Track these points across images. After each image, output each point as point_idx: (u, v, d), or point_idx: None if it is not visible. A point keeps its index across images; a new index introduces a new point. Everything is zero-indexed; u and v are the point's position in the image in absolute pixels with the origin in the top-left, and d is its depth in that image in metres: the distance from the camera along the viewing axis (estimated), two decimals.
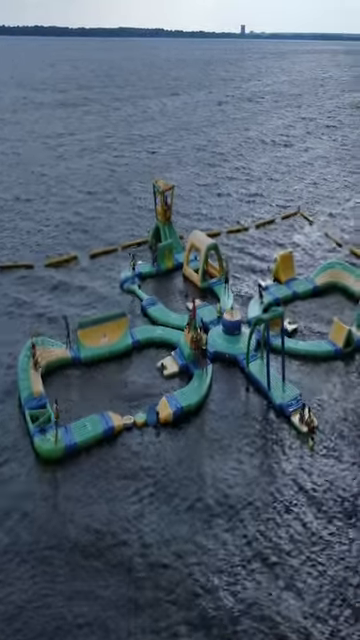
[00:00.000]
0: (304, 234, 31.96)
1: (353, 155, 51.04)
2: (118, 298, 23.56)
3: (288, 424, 15.80)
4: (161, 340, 19.54)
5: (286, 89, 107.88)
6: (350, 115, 75.19)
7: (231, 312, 19.66)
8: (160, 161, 48.25)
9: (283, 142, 56.99)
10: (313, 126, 66.71)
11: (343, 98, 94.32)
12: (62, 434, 14.59)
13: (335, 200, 38.02)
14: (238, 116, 73.94)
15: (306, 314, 22.40)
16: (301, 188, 40.71)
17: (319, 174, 44.61)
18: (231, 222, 33.53)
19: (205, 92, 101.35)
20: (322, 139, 58.55)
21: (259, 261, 27.91)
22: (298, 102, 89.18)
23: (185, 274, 25.43)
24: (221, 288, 23.66)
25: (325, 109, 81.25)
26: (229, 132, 62.09)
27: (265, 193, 39.41)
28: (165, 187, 26.76)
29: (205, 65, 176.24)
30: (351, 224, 33.54)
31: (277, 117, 73.67)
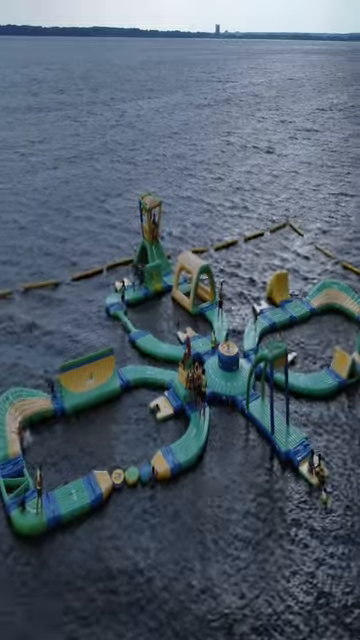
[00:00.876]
0: (295, 248, 30.86)
1: (336, 160, 50.41)
2: (104, 325, 21.84)
3: (296, 474, 14.50)
4: (153, 381, 17.93)
5: (264, 90, 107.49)
6: (330, 118, 75.02)
7: (227, 344, 18.24)
8: (139, 171, 46.24)
9: (265, 148, 56.00)
10: (294, 130, 66.10)
11: (321, 100, 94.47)
12: (44, 504, 12.86)
13: (323, 210, 37.14)
14: (217, 120, 72.76)
15: (304, 340, 21.20)
16: (287, 197, 39.70)
17: (304, 182, 43.71)
18: (218, 237, 32.17)
19: (182, 94, 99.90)
20: (304, 144, 57.85)
21: (251, 280, 26.62)
22: (277, 104, 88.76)
23: (175, 297, 23.90)
24: (214, 313, 22.25)
25: (304, 111, 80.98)
26: (209, 137, 60.74)
27: (251, 204, 38.18)
28: (152, 204, 25.18)
29: (181, 66, 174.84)
30: (342, 235, 32.65)
31: (256, 120, 72.86)
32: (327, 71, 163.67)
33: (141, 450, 15.25)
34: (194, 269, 22.49)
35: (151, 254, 25.74)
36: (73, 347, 20.18)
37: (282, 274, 23.80)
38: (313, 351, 20.47)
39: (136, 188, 40.46)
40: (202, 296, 23.61)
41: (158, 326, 21.96)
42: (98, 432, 16.03)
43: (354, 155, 52.53)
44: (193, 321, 22.38)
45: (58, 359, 19.27)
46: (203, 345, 19.77)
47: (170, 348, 19.52)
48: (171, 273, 25.75)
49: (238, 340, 20.79)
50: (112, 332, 21.43)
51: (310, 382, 18.00)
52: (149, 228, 25.39)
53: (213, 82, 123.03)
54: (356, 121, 72.38)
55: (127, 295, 23.35)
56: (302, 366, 19.46)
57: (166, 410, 16.58)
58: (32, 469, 13.92)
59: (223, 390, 17.33)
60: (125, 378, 17.81)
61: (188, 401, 16.55)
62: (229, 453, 15.26)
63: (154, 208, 25.25)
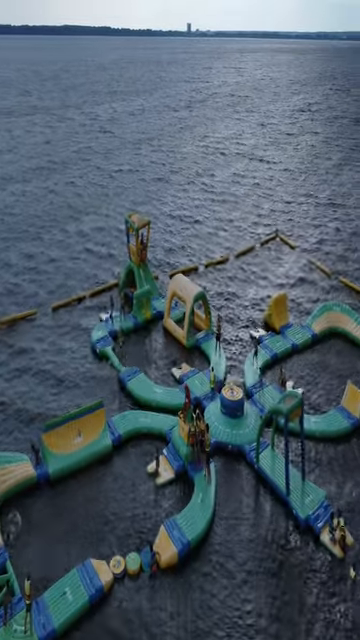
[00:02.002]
0: (289, 264, 29.37)
1: (320, 167, 49.34)
2: (90, 365, 19.66)
3: (317, 543, 12.83)
4: (149, 431, 15.96)
5: (239, 90, 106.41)
6: (308, 120, 74.33)
7: (231, 387, 16.43)
8: (116, 183, 43.36)
9: (246, 154, 54.44)
10: (273, 133, 64.91)
11: (296, 100, 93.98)
12: (33, 615, 10.71)
13: (311, 221, 35.81)
14: (194, 122, 70.95)
15: (309, 371, 19.63)
16: (273, 208, 38.08)
17: (289, 191, 42.28)
18: (207, 254, 30.32)
19: (157, 95, 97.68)
20: (285, 149, 56.59)
21: (246, 301, 24.94)
22: (253, 105, 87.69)
23: (166, 327, 21.93)
24: (210, 345, 20.41)
25: (281, 112, 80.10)
26: (187, 143, 58.69)
27: (237, 216, 36.45)
28: (141, 223, 23.13)
29: (154, 65, 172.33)
30: (334, 248, 31.35)
31: (234, 123, 71.42)
32: (299, 70, 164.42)
33: (140, 523, 13.29)
34: (188, 297, 20.58)
35: (139, 278, 23.69)
36: (54, 406, 17.83)
37: (281, 297, 22.20)
38: (319, 383, 18.91)
39: (113, 204, 37.90)
40: (196, 324, 21.74)
41: (150, 361, 19.95)
42: (89, 502, 13.95)
43: (336, 160, 51.62)
44: (188, 353, 20.50)
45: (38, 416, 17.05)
46: (201, 385, 17.92)
47: (165, 393, 17.53)
48: (160, 297, 23.81)
49: (237, 374, 19.06)
50: (99, 371, 19.31)
51: (322, 424, 16.40)
52: (137, 249, 23.36)
53: (187, 82, 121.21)
54: (334, 123, 71.90)
55: (115, 324, 21.31)
56: (309, 402, 17.84)
57: (166, 474, 14.63)
58: (19, 570, 11.74)
59: (228, 439, 15.53)
60: (117, 432, 15.76)
61: (190, 460, 14.67)
62: (240, 523, 13.41)
63: (142, 228, 23.24)
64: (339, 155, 53.19)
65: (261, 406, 17.11)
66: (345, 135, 63.50)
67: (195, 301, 20.54)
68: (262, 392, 17.64)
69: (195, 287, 20.98)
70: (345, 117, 76.63)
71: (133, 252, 23.73)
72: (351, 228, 34.52)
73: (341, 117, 76.64)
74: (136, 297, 22.07)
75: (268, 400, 17.31)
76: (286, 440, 13.60)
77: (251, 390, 17.85)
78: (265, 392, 17.67)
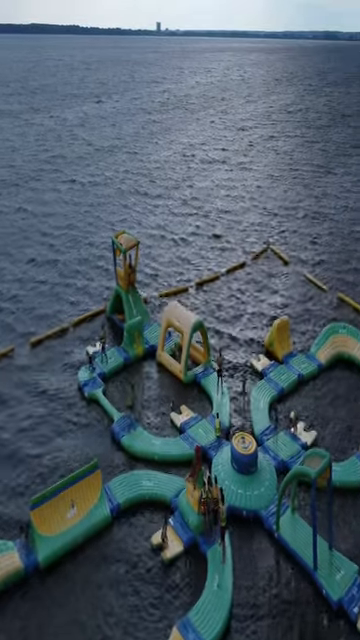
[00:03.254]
0: (283, 280, 27.86)
1: (302, 172, 48.22)
2: (78, 413, 17.42)
3: (354, 633, 11.16)
4: (151, 497, 13.95)
5: (212, 91, 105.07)
6: (284, 121, 73.53)
7: (242, 436, 14.57)
8: (90, 197, 40.28)
9: (225, 160, 52.76)
10: (250, 137, 63.61)
11: (270, 101, 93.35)
12: None
13: (301, 231, 34.45)
14: (169, 126, 68.92)
15: (318, 407, 18.02)
16: (260, 219, 36.40)
17: (274, 199, 40.79)
18: (195, 272, 28.39)
19: (129, 97, 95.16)
20: (265, 154, 55.29)
21: (243, 325, 23.19)
22: (227, 106, 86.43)
23: (160, 361, 19.92)
24: (210, 381, 18.53)
25: (257, 114, 79.06)
26: (164, 148, 56.56)
27: (224, 229, 34.57)
28: (129, 244, 21.02)
29: (125, 65, 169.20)
30: (328, 261, 30.02)
31: (210, 126, 69.84)
32: (270, 70, 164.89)
33: (148, 621, 11.29)
34: (185, 327, 18.64)
35: (127, 304, 21.60)
36: (39, 469, 15.53)
37: (283, 323, 20.55)
38: (330, 422, 17.32)
39: (87, 222, 34.99)
40: (193, 356, 19.86)
41: (145, 404, 17.89)
42: (84, 595, 11.85)
43: (319, 165, 50.68)
44: (185, 390, 18.57)
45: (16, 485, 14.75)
46: (206, 433, 16.02)
47: (166, 445, 15.54)
48: (150, 325, 21.77)
49: (243, 416, 17.25)
50: (90, 418, 17.12)
51: (341, 473, 14.77)
52: (125, 273, 21.24)
53: (159, 83, 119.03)
54: (312, 124, 71.34)
55: (102, 365, 19.12)
56: (322, 446, 16.20)
57: (174, 547, 12.67)
58: None
59: (242, 502, 13.68)
60: (115, 500, 13.69)
61: (202, 531, 12.78)
62: (261, 610, 11.59)
63: (130, 249, 21.15)
64: (321, 159, 52.28)
65: (274, 454, 15.38)
66: (325, 137, 62.90)
67: (193, 332, 18.66)
68: (275, 439, 15.91)
69: (192, 316, 19.06)
70: (322, 118, 76.31)
71: (121, 276, 21.62)
72: (341, 238, 33.35)
73: (318, 118, 76.28)
74: (127, 329, 19.95)
75: (281, 448, 15.60)
76: (313, 508, 11.86)
77: (261, 437, 16.09)
78: (277, 438, 15.96)
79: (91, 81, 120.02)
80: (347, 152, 55.44)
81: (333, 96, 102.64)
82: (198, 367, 19.36)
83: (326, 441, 16.46)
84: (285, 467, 15.02)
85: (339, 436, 16.70)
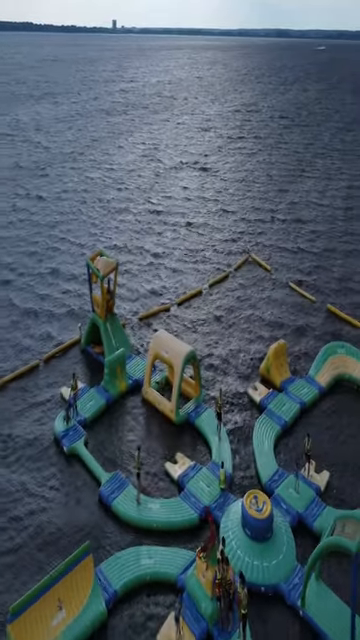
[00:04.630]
0: (268, 290, 26.28)
1: (273, 175, 47.07)
2: (58, 473, 14.90)
3: None
4: (153, 578, 11.77)
5: (173, 91, 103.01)
6: (249, 121, 72.51)
7: (255, 494, 12.60)
8: (51, 212, 36.15)
9: (192, 164, 50.75)
10: (218, 138, 62.02)
11: (233, 100, 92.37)
12: None
13: (278, 239, 33.02)
14: (131, 128, 66.24)
15: (324, 440, 16.36)
16: (235, 227, 34.56)
17: (247, 205, 39.11)
18: (175, 288, 26.24)
19: (87, 97, 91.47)
20: (235, 156, 53.67)
21: (234, 346, 21.36)
22: (190, 106, 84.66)
23: (147, 399, 17.68)
24: (205, 420, 16.50)
25: (222, 114, 77.77)
26: (127, 153, 53.65)
27: (198, 240, 32.46)
28: (107, 269, 18.60)
29: (82, 64, 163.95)
30: (311, 270, 28.69)
31: (174, 127, 67.71)
32: (227, 68, 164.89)
33: None
34: (176, 359, 16.53)
35: (106, 334, 19.18)
36: (8, 543, 13.05)
37: (280, 347, 18.85)
38: (340, 458, 15.72)
39: (48, 245, 31.20)
40: (183, 390, 17.69)
41: (134, 454, 15.52)
42: None
43: (290, 167, 49.74)
44: (178, 433, 16.44)
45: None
46: (208, 486, 13.99)
47: (165, 509, 13.34)
48: (133, 357, 19.48)
49: (245, 459, 15.35)
50: (73, 478, 14.67)
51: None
52: (103, 299, 18.84)
53: (118, 82, 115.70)
54: (277, 124, 70.72)
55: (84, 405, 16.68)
56: (334, 490, 14.54)
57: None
58: None
59: (259, 577, 11.74)
60: (111, 587, 11.41)
61: (217, 620, 10.75)
62: None
63: (109, 273, 18.75)
64: (292, 161, 51.29)
65: (286, 506, 13.58)
66: (292, 137, 62.29)
67: (186, 363, 16.59)
68: (284, 486, 14.12)
69: (184, 346, 16.97)
70: (286, 117, 75.95)
71: (98, 303, 19.19)
72: (321, 244, 32.19)
73: (283, 117, 75.86)
74: (108, 365, 17.54)
75: (293, 497, 13.83)
76: (354, 592, 10.07)
77: (270, 485, 14.26)
78: (288, 484, 14.18)
79: (46, 80, 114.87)
80: (319, 152, 54.93)
81: (293, 94, 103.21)
82: (189, 403, 17.29)
83: (342, 482, 14.84)
84: (301, 522, 13.28)
85: (353, 476, 15.12)
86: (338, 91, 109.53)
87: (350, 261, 29.89)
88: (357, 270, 28.72)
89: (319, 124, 70.90)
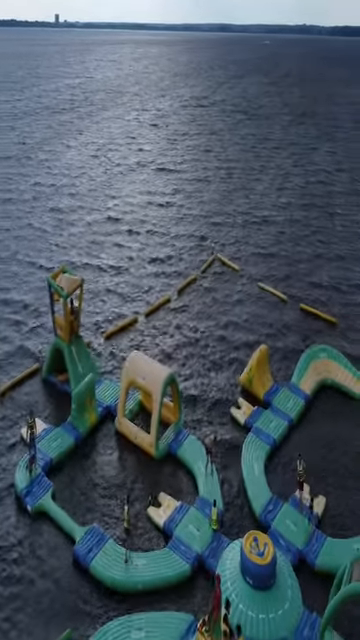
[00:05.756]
0: (238, 292, 25.16)
1: (231, 172, 46.03)
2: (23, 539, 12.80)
3: None
4: None
5: (121, 86, 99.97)
6: (202, 115, 71.29)
7: (255, 537, 11.18)
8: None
9: (147, 162, 48.78)
10: (171, 134, 60.25)
11: (184, 94, 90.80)
12: None
13: (244, 238, 31.93)
14: (79, 126, 62.98)
15: (316, 457, 15.28)
16: (196, 227, 33.01)
17: (205, 203, 37.81)
18: (141, 298, 24.43)
19: (31, 94, 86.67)
20: (189, 152, 52.21)
21: (209, 354, 20.00)
22: (141, 101, 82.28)
23: (122, 431, 15.85)
24: (186, 449, 14.94)
25: (173, 110, 75.98)
26: (78, 154, 50.40)
27: (160, 242, 30.62)
28: (71, 286, 16.53)
29: (25, 59, 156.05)
30: (279, 269, 27.81)
31: (126, 124, 65.28)
32: (174, 62, 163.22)
33: None
34: (154, 385, 14.86)
35: (71, 360, 17.13)
36: None
37: (262, 354, 17.65)
38: (331, 477, 14.72)
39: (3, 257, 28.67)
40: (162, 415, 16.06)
41: (111, 501, 13.65)
42: None
43: (247, 163, 48.95)
44: (159, 468, 14.77)
45: None
46: (198, 528, 12.48)
47: (152, 564, 11.68)
48: (101, 381, 17.59)
49: (234, 489, 13.97)
50: (41, 538, 12.64)
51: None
52: (67, 321, 16.76)
53: (64, 77, 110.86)
54: (231, 118, 69.96)
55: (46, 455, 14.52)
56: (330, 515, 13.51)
57: None
58: None
59: (266, 632, 10.36)
60: None
61: None
62: None
63: (74, 291, 16.68)
64: (249, 156, 50.50)
65: (286, 543, 12.35)
66: (246, 132, 61.67)
67: (165, 388, 14.98)
68: (281, 517, 12.88)
69: (162, 370, 15.34)
70: (239, 111, 75.47)
71: (61, 326, 17.07)
72: (285, 241, 31.40)
73: (235, 111, 75.31)
74: (76, 398, 15.48)
75: (291, 529, 12.63)
76: None
77: (265, 517, 12.98)
78: (284, 514, 12.96)
79: None
80: (274, 146, 54.60)
81: (242, 87, 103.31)
82: (168, 431, 15.68)
83: (338, 502, 13.84)
84: (301, 559, 12.11)
85: (348, 498, 14.15)
86: (285, 84, 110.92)
87: (315, 257, 29.30)
88: (323, 266, 28.21)
89: (270, 117, 70.97)
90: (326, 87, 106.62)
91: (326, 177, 43.98)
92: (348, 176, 44.44)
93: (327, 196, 39.29)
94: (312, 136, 59.78)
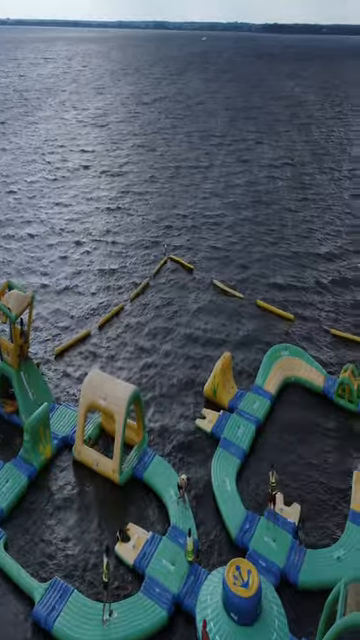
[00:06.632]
0: (194, 291, 24.42)
1: (179, 171, 45.10)
2: None
3: None
4: None
5: (58, 84, 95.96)
6: (145, 114, 69.74)
7: (237, 565, 10.29)
8: None
9: (89, 163, 46.58)
10: (114, 134, 58.27)
11: (124, 92, 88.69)
12: None
13: (194, 236, 31.17)
14: (14, 128, 59.35)
15: (287, 462, 14.78)
16: (147, 230, 31.82)
17: (154, 205, 36.54)
18: (93, 310, 22.83)
19: None
20: (133, 153, 50.67)
21: (169, 363, 19.00)
22: (79, 100, 79.25)
23: (81, 460, 14.41)
24: (152, 472, 13.84)
25: (114, 108, 73.81)
26: (13, 157, 47.57)
27: (110, 251, 28.98)
28: (21, 305, 14.71)
29: None
30: (230, 264, 27.33)
31: (64, 124, 62.41)
32: (111, 59, 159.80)
33: None
34: (118, 405, 13.62)
35: (20, 387, 15.41)
36: None
37: (226, 361, 16.94)
38: (307, 479, 14.26)
39: None
40: None
41: (78, 549, 12.27)
42: None
43: (191, 160, 48.21)
44: (124, 495, 13.55)
45: None
46: (173, 562, 11.43)
47: (127, 616, 10.40)
48: (55, 406, 15.98)
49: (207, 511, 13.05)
50: None
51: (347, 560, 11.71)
52: (15, 344, 14.98)
53: None
54: (169, 116, 68.92)
55: None
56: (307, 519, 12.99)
57: None
58: None
59: None
60: None
61: None
62: None
63: (24, 311, 14.87)
64: (195, 154, 49.79)
65: (266, 562, 11.60)
66: (190, 129, 60.90)
67: (129, 406, 13.76)
68: (258, 535, 12.12)
69: (125, 387, 14.11)
70: (180, 107, 74.64)
71: (8, 350, 15.26)
72: (235, 238, 30.94)
73: (177, 108, 74.37)
74: (29, 429, 13.81)
75: (270, 546, 11.91)
76: None
77: (242, 538, 12.16)
78: (261, 530, 12.21)
79: None
80: (216, 142, 54.30)
81: (181, 84, 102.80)
82: (132, 454, 14.48)
83: (314, 507, 13.33)
84: (283, 577, 11.43)
85: (321, 495, 13.72)
86: (224, 80, 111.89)
87: (266, 253, 29.02)
88: (275, 261, 27.97)
89: (212, 113, 70.86)
90: (262, 82, 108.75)
91: (272, 172, 44.24)
92: (293, 170, 45.00)
93: (274, 192, 39.21)
94: (253, 130, 60.23)
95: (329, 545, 12.29)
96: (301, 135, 58.23)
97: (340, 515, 13.18)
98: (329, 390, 17.11)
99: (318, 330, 21.54)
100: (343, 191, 39.60)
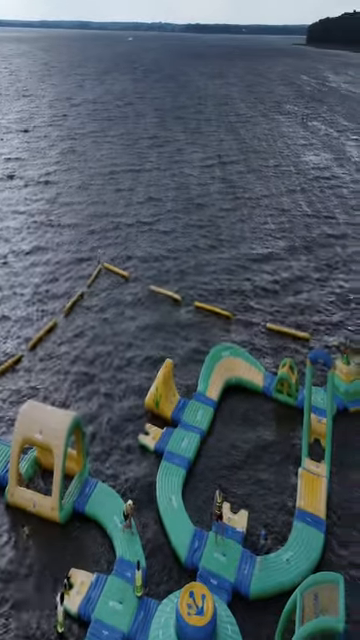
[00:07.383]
0: (131, 300, 23.79)
1: (106, 176, 43.91)
2: None
3: None
4: None
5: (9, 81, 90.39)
6: (75, 116, 67.39)
7: (190, 591, 9.81)
8: None
9: (14, 173, 43.95)
10: (41, 139, 55.66)
11: (49, 94, 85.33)
12: None
13: (126, 241, 30.38)
14: None
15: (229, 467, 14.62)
16: (76, 240, 30.37)
17: (87, 213, 35.24)
18: (21, 332, 21.32)
19: None
20: (64, 159, 48.68)
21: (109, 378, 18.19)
22: (1, 103, 75.06)
23: (15, 503, 13.15)
24: (96, 503, 12.98)
25: (39, 112, 70.59)
26: None
27: (37, 265, 27.20)
28: None
29: None
30: (164, 268, 26.97)
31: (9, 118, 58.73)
32: (35, 60, 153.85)
33: None
34: (56, 438, 12.61)
35: None
36: None
37: (168, 369, 16.51)
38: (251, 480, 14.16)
39: None
40: None
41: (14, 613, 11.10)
42: None
43: (125, 163, 47.28)
44: (64, 535, 12.53)
45: None
46: (122, 601, 10.70)
47: None
48: None
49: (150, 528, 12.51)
50: None
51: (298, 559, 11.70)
52: None
53: None
54: (100, 117, 67.33)
55: None
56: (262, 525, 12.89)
57: None
58: None
59: None
60: None
61: None
62: None
63: None
64: (125, 158, 48.78)
65: (217, 580, 11.26)
66: (119, 131, 59.78)
67: (69, 437, 12.79)
68: (208, 552, 11.76)
69: (63, 416, 13.13)
70: (108, 109, 73.19)
71: None
72: (168, 242, 30.58)
73: (105, 109, 72.87)
74: None
75: (220, 561, 11.61)
76: None
77: (191, 560, 11.72)
78: (211, 547, 11.87)
79: None
80: (154, 143, 53.73)
81: (108, 84, 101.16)
82: (72, 486, 13.50)
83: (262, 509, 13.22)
84: (236, 592, 11.17)
85: (273, 497, 13.69)
86: (151, 80, 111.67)
87: (203, 256, 28.86)
88: (211, 264, 27.89)
89: (141, 114, 70.24)
90: (189, 82, 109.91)
91: (204, 172, 44.49)
92: (223, 169, 45.56)
93: (207, 195, 39.17)
94: (183, 130, 60.42)
95: (278, 548, 12.26)
96: (229, 134, 59.34)
97: (288, 514, 13.19)
98: (268, 388, 17.32)
99: (256, 328, 21.77)
100: (272, 188, 40.75)
